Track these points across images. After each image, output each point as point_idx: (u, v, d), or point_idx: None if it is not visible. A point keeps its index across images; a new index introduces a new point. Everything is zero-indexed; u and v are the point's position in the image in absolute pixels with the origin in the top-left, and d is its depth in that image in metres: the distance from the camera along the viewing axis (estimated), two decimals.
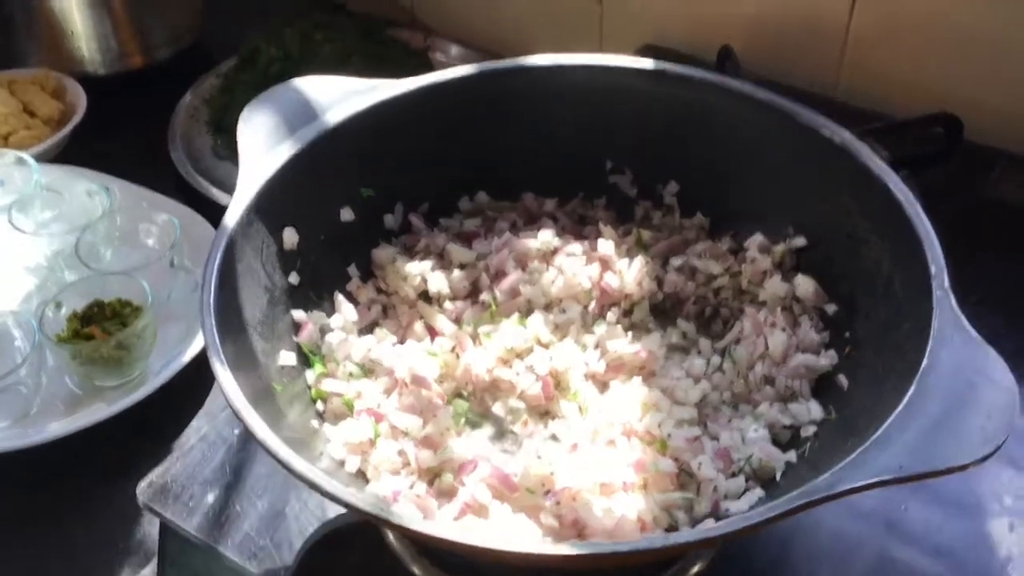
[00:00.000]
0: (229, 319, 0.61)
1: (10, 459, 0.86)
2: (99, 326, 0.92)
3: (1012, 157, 1.00)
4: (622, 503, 0.61)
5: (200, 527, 0.69)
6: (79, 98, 1.22)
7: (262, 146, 0.70)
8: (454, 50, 1.29)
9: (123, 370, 0.93)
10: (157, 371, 0.93)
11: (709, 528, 0.52)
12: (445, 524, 0.58)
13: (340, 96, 0.74)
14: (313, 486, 0.52)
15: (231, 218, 0.66)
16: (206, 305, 0.59)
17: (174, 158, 1.16)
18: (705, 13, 1.12)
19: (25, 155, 1.08)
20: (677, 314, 0.76)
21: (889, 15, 1.02)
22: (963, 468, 0.50)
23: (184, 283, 1.01)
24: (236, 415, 0.54)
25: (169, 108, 1.23)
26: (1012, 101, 1.00)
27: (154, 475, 0.73)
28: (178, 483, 0.72)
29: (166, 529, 0.73)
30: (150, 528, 0.82)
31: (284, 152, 0.71)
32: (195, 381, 0.92)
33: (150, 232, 1.04)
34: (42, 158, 1.11)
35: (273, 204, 0.69)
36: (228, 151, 1.20)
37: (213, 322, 0.58)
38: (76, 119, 1.19)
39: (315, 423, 0.67)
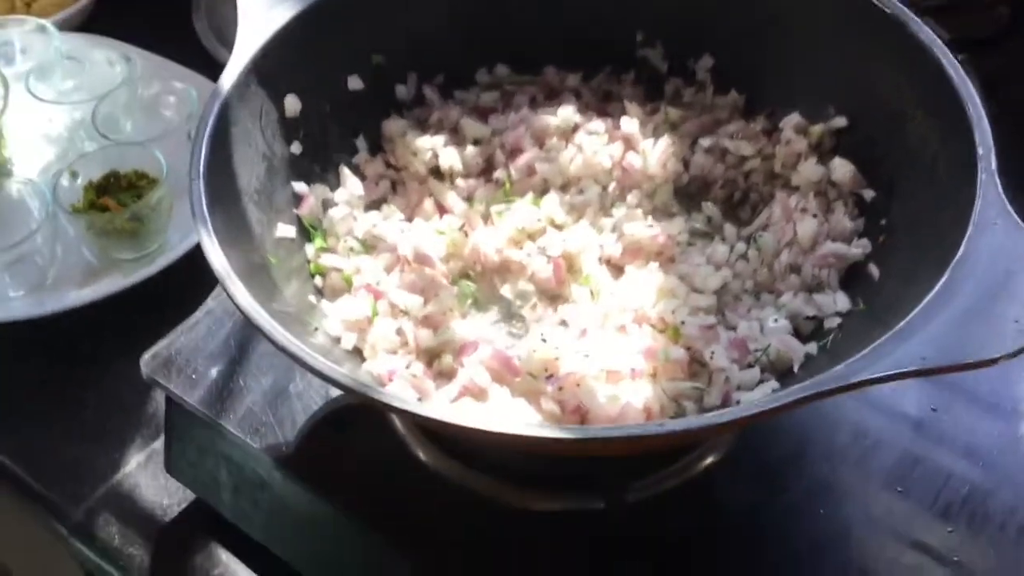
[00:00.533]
0: (221, 185, 0.59)
1: (27, 327, 0.86)
2: (114, 197, 0.91)
3: None
4: (628, 391, 0.58)
5: (203, 400, 0.68)
6: None
7: (264, 3, 0.66)
8: None
9: (139, 242, 0.91)
10: (175, 245, 0.92)
11: (712, 415, 0.48)
12: (437, 405, 0.56)
13: None
14: (296, 359, 0.50)
15: (227, 79, 0.63)
16: (195, 168, 0.56)
17: (198, 28, 1.13)
18: None
19: (46, 22, 1.05)
20: (703, 198, 0.72)
21: None
22: (992, 362, 0.46)
23: None
24: (221, 284, 0.52)
25: None
26: None
27: (158, 347, 0.72)
28: (182, 356, 0.71)
29: (171, 402, 0.71)
30: (163, 401, 0.81)
31: (287, 11, 0.67)
32: None
33: (169, 103, 1.01)
34: (65, 26, 1.09)
35: (274, 67, 0.66)
36: None
37: (202, 187, 0.56)
38: None
39: (312, 298, 0.64)
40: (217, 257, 0.53)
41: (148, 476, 0.79)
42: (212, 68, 1.06)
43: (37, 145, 1.01)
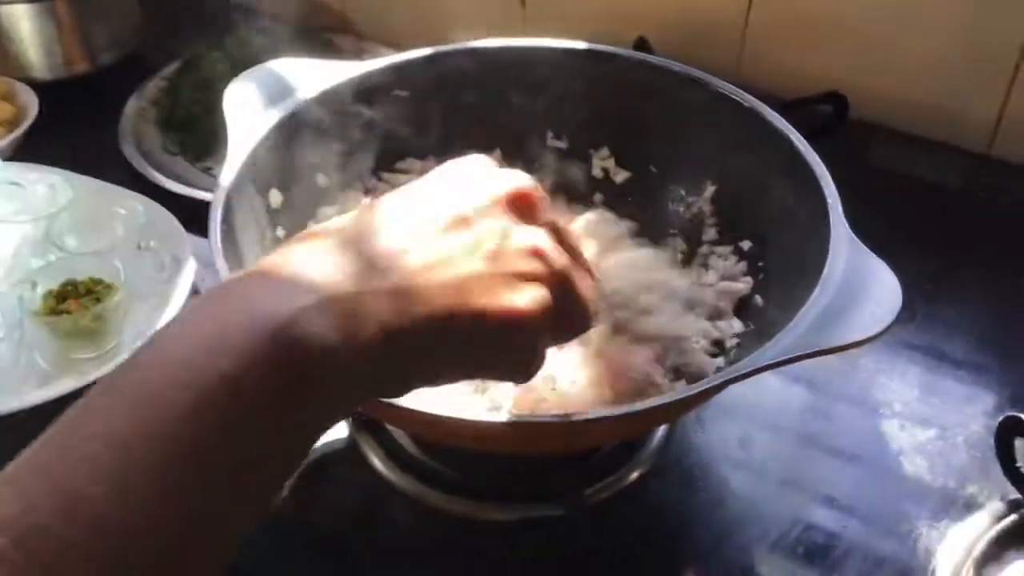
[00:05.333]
0: (234, 265, 0.70)
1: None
2: (75, 302, 0.99)
3: (891, 131, 1.15)
4: None
5: None
6: (31, 101, 1.27)
7: (247, 117, 0.79)
8: (386, 53, 1.38)
9: (99, 342, 0.99)
10: (129, 343, 1.00)
11: (656, 399, 0.63)
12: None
13: (311, 75, 0.83)
14: None
15: (226, 178, 0.74)
16: (216, 248, 0.68)
17: (127, 154, 1.23)
18: (619, 9, 1.24)
19: None
20: None
21: (782, 10, 1.16)
22: (860, 344, 0.61)
23: (151, 263, 1.08)
24: None
25: (117, 110, 1.30)
26: (891, 83, 1.14)
27: None
28: None
29: None
30: None
31: (266, 123, 0.79)
32: None
33: (114, 219, 1.10)
34: (1, 155, 1.17)
35: (260, 168, 0.78)
36: (176, 148, 1.27)
37: (224, 264, 0.67)
38: (29, 120, 1.24)
39: None
40: None
41: None
42: (145, 188, 1.17)
43: None
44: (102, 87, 1.35)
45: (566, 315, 0.51)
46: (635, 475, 0.78)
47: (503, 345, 0.48)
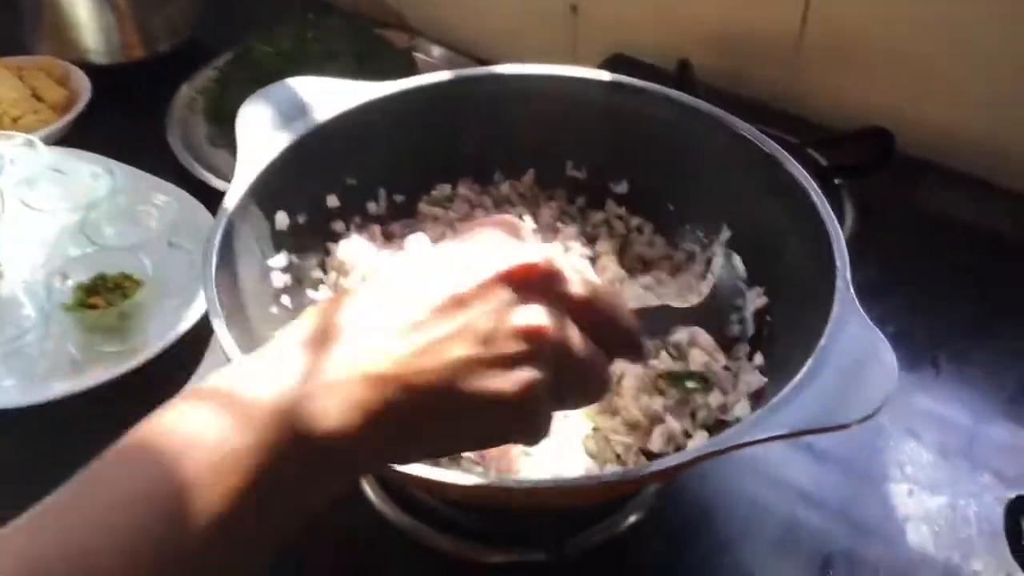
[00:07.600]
0: (227, 289, 0.70)
1: (17, 414, 0.95)
2: (102, 297, 1.01)
3: (940, 169, 1.10)
4: None
5: None
6: (83, 86, 1.30)
7: (258, 137, 0.79)
8: (436, 51, 1.37)
9: (124, 337, 1.01)
10: (155, 340, 1.02)
11: (632, 469, 0.61)
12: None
13: (329, 95, 0.83)
14: None
15: (231, 201, 0.74)
16: (208, 276, 0.67)
17: (171, 144, 1.24)
18: (669, 28, 1.21)
19: (33, 137, 1.16)
20: None
21: (834, 37, 1.12)
22: (845, 427, 0.59)
23: (181, 261, 1.09)
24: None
25: (168, 98, 1.32)
26: (944, 117, 1.09)
27: None
28: None
29: None
30: None
31: (278, 144, 0.79)
32: (190, 351, 1.01)
33: (150, 213, 1.12)
34: (48, 141, 1.19)
35: (267, 189, 0.77)
36: (222, 140, 1.29)
37: (215, 290, 0.67)
38: (80, 105, 1.27)
39: None
40: (228, 343, 0.64)
41: None
42: (186, 181, 1.18)
43: (24, 250, 1.11)
44: (156, 74, 1.37)
45: (571, 388, 0.51)
46: (627, 523, 0.77)
47: (499, 423, 0.49)
